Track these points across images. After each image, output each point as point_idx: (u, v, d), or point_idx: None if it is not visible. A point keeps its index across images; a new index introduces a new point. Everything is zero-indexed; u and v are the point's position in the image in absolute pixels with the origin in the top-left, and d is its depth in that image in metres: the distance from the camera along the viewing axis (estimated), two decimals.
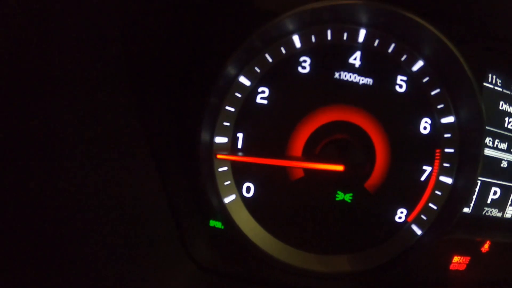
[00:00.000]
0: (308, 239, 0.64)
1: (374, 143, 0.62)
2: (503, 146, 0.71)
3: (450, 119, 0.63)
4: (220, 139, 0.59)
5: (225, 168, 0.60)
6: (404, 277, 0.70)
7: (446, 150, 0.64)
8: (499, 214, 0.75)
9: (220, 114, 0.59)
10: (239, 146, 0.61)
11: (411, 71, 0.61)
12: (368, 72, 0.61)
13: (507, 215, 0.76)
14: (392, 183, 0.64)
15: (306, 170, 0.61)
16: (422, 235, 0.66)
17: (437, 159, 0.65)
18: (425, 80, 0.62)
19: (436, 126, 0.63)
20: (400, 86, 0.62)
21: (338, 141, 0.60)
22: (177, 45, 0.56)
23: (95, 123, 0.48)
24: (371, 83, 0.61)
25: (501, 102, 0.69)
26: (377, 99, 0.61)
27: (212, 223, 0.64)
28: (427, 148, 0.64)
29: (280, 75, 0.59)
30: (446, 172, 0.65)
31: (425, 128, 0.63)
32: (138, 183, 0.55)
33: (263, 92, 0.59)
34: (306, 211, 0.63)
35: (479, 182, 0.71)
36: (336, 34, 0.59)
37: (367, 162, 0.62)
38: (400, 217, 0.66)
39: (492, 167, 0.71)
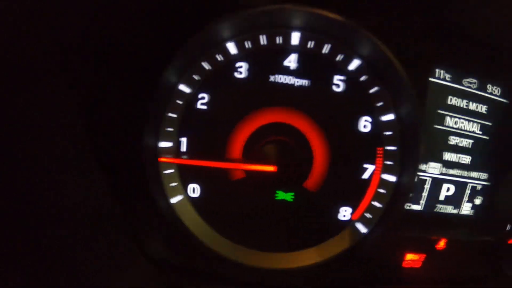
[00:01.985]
0: (253, 237, 0.57)
1: (310, 143, 0.51)
2: (455, 142, 0.55)
3: (390, 116, 0.52)
4: (164, 144, 0.53)
5: (172, 170, 0.54)
6: (357, 275, 0.56)
7: (388, 148, 0.53)
8: (455, 211, 0.60)
9: (163, 121, 0.50)
10: (183, 149, 0.52)
11: (348, 70, 0.51)
12: (304, 74, 0.52)
13: (464, 212, 0.60)
14: (333, 182, 0.54)
15: (246, 171, 0.51)
16: (367, 234, 0.52)
17: (379, 157, 0.54)
18: (362, 78, 0.52)
19: (376, 124, 0.53)
20: (338, 86, 0.51)
21: (274, 143, 0.49)
22: (118, 51, 0.47)
23: (40, 126, 0.40)
24: (307, 84, 0.52)
25: (449, 97, 0.54)
26: (314, 100, 0.53)
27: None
28: (368, 147, 0.54)
29: (218, 81, 0.53)
30: (389, 170, 0.54)
31: (365, 126, 0.52)
32: (86, 182, 0.47)
33: (203, 98, 0.52)
34: (249, 210, 0.56)
35: (429, 179, 0.55)
36: (270, 39, 0.52)
37: (302, 162, 0.51)
38: (344, 216, 0.55)
39: (444, 163, 0.55)
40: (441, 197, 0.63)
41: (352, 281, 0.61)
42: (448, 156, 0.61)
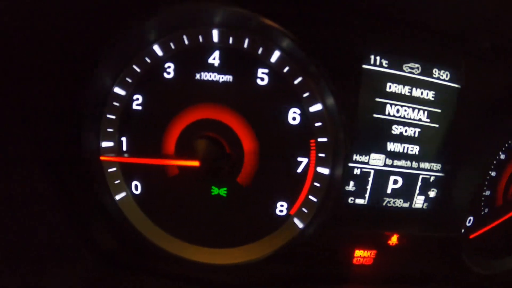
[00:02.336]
0: (195, 233, 0.58)
1: (240, 138, 0.49)
2: (399, 131, 0.50)
3: (318, 107, 0.49)
4: (106, 144, 0.55)
5: (114, 168, 0.55)
6: (303, 271, 0.52)
7: (319, 139, 0.49)
8: (406, 205, 0.54)
9: (103, 122, 0.51)
10: (124, 148, 0.52)
11: (271, 62, 0.50)
12: (228, 70, 0.52)
13: (417, 205, 0.54)
14: (266, 177, 0.54)
15: (180, 167, 0.49)
16: (303, 228, 0.49)
17: (312, 149, 0.49)
18: (285, 70, 0.50)
19: (306, 115, 0.50)
20: (262, 79, 0.50)
21: (201, 138, 0.48)
22: (48, 56, 0.49)
23: None
24: (231, 80, 0.50)
25: (388, 84, 0.49)
26: (240, 95, 0.53)
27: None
28: (300, 139, 0.51)
29: (149, 82, 0.55)
30: (322, 163, 0.51)
31: (294, 118, 0.50)
32: (30, 181, 0.48)
33: (137, 99, 0.54)
34: (188, 206, 0.56)
35: (372, 171, 0.50)
36: (192, 38, 0.51)
37: (228, 157, 0.52)
38: (281, 211, 0.52)
39: (389, 154, 0.50)
40: (388, 190, 0.57)
41: (297, 276, 0.58)
42: (392, 146, 0.55)
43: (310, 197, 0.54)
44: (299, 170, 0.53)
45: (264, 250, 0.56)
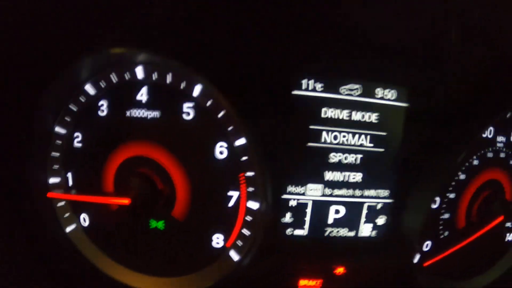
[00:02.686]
0: (140, 262, 0.58)
1: (170, 174, 0.47)
2: (337, 159, 0.45)
3: (242, 141, 0.45)
4: (53, 180, 0.58)
5: (63, 203, 0.55)
6: None
7: (247, 174, 0.44)
8: (351, 234, 0.49)
9: (49, 159, 0.52)
10: (70, 184, 0.53)
11: (194, 97, 0.46)
12: (155, 106, 0.51)
13: (364, 234, 0.49)
14: (199, 210, 0.52)
15: None
16: (239, 261, 0.47)
17: (242, 183, 0.46)
18: (209, 103, 0.46)
19: (232, 149, 0.45)
20: (188, 114, 0.49)
21: (134, 176, 0.47)
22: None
23: None
24: (158, 115, 0.49)
25: (323, 110, 0.44)
26: (167, 130, 0.52)
27: None
28: (229, 173, 0.50)
29: (86, 120, 0.56)
30: (252, 197, 0.47)
31: (221, 153, 0.48)
32: None
33: (77, 137, 0.55)
34: (131, 237, 0.56)
35: (310, 202, 0.46)
36: (119, 76, 0.49)
37: (159, 193, 0.50)
38: (218, 243, 0.50)
39: (327, 183, 0.46)
40: (330, 220, 0.52)
41: None
42: (330, 175, 0.50)
43: (244, 230, 0.52)
44: (230, 204, 0.50)
45: (204, 280, 0.55)
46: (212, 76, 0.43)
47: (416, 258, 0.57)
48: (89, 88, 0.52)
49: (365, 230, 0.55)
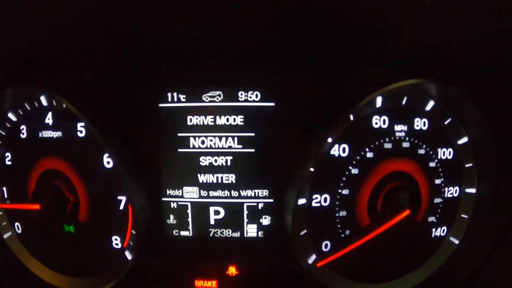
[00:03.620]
0: (62, 264, 0.66)
1: (73, 182, 0.56)
2: (207, 162, 0.50)
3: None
4: None
5: (1, 212, 0.65)
6: None
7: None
8: (236, 234, 0.53)
9: None
10: (5, 196, 0.64)
11: (83, 117, 0.52)
12: (58, 127, 0.61)
13: (250, 234, 0.52)
14: (98, 214, 0.61)
15: (35, 210, 0.58)
16: (132, 260, 0.53)
17: None
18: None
19: (114, 159, 0.51)
20: (81, 132, 0.56)
21: (46, 185, 0.61)
22: None
23: None
24: (61, 135, 0.61)
25: (188, 118, 0.53)
26: (67, 147, 0.61)
27: None
28: (116, 180, 0.53)
29: (12, 142, 0.66)
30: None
31: (108, 162, 0.54)
32: None
33: (8, 156, 0.67)
34: (52, 241, 0.65)
35: (189, 204, 0.51)
36: (31, 104, 0.61)
37: (67, 199, 0.60)
38: (117, 244, 0.56)
39: (202, 186, 0.51)
40: (211, 221, 0.55)
41: None
42: (204, 178, 0.56)
43: (133, 231, 0.57)
44: (121, 207, 0.58)
45: (106, 281, 0.61)
46: (81, 105, 0.52)
47: (312, 259, 0.58)
48: (11, 116, 0.65)
49: (251, 230, 0.58)
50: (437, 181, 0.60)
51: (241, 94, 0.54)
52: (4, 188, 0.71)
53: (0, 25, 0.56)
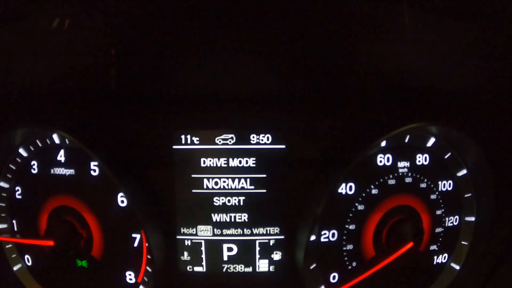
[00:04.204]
0: None
1: (87, 220, 0.57)
2: (221, 202, 0.52)
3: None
4: (1, 226, 0.68)
5: (10, 245, 0.67)
6: None
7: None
8: (249, 269, 0.55)
9: None
10: (15, 229, 0.65)
11: (96, 157, 0.53)
12: (71, 165, 0.62)
13: (262, 269, 0.55)
14: (111, 250, 0.63)
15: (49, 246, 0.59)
16: None
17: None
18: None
19: (129, 199, 0.53)
20: (94, 171, 0.58)
21: (59, 222, 0.62)
22: None
23: None
24: (74, 173, 0.63)
25: (202, 160, 0.58)
26: (80, 185, 0.62)
27: None
28: (130, 218, 0.54)
29: (23, 177, 0.68)
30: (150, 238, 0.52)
31: (122, 201, 0.56)
32: None
33: (18, 190, 0.69)
34: (64, 276, 0.65)
35: (203, 241, 0.53)
36: (43, 141, 0.63)
37: (81, 235, 0.61)
38: (130, 279, 0.59)
39: (216, 224, 0.53)
40: (225, 257, 0.58)
41: None
42: (217, 217, 0.58)
43: (148, 267, 0.59)
44: (135, 244, 0.61)
45: None
46: (94, 146, 0.53)
47: None
48: (22, 151, 0.66)
49: (262, 265, 0.61)
50: (438, 212, 0.64)
51: (253, 137, 0.57)
52: (14, 221, 0.73)
53: (16, 63, 0.57)
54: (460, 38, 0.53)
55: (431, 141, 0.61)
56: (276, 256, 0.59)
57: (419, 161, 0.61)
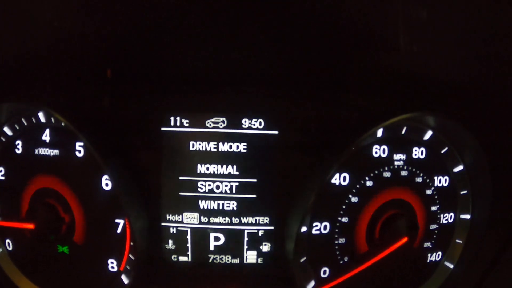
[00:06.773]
0: (54, 284, 0.60)
1: (69, 203, 0.54)
2: (208, 188, 0.50)
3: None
4: None
5: None
6: None
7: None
8: (236, 261, 0.53)
9: None
10: None
11: (82, 136, 0.51)
12: (55, 145, 0.61)
13: (249, 261, 0.53)
14: (94, 236, 0.61)
15: (29, 230, 0.56)
16: (129, 285, 0.52)
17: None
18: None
19: (114, 181, 0.50)
20: (79, 152, 0.55)
21: (42, 204, 0.59)
22: None
23: None
24: (58, 153, 0.60)
25: (191, 143, 0.55)
26: (64, 166, 0.61)
27: None
28: (114, 202, 0.53)
29: (6, 157, 0.65)
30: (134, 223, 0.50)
31: (107, 184, 0.54)
32: None
33: (1, 171, 0.62)
34: (44, 261, 0.63)
35: (189, 229, 0.51)
36: (28, 120, 0.61)
37: (63, 219, 0.59)
38: (113, 267, 0.55)
39: (203, 212, 0.50)
40: (211, 247, 0.56)
41: None
42: (204, 204, 0.57)
43: (131, 255, 0.57)
44: (118, 230, 0.58)
45: None
46: (81, 124, 0.51)
47: (310, 285, 0.59)
48: (7, 130, 0.64)
49: (250, 257, 0.59)
50: (433, 208, 0.62)
51: (245, 122, 0.55)
52: None
53: (4, 36, 0.55)
54: (458, 27, 0.53)
55: (428, 135, 0.60)
56: (265, 247, 0.57)
57: (415, 155, 0.59)
